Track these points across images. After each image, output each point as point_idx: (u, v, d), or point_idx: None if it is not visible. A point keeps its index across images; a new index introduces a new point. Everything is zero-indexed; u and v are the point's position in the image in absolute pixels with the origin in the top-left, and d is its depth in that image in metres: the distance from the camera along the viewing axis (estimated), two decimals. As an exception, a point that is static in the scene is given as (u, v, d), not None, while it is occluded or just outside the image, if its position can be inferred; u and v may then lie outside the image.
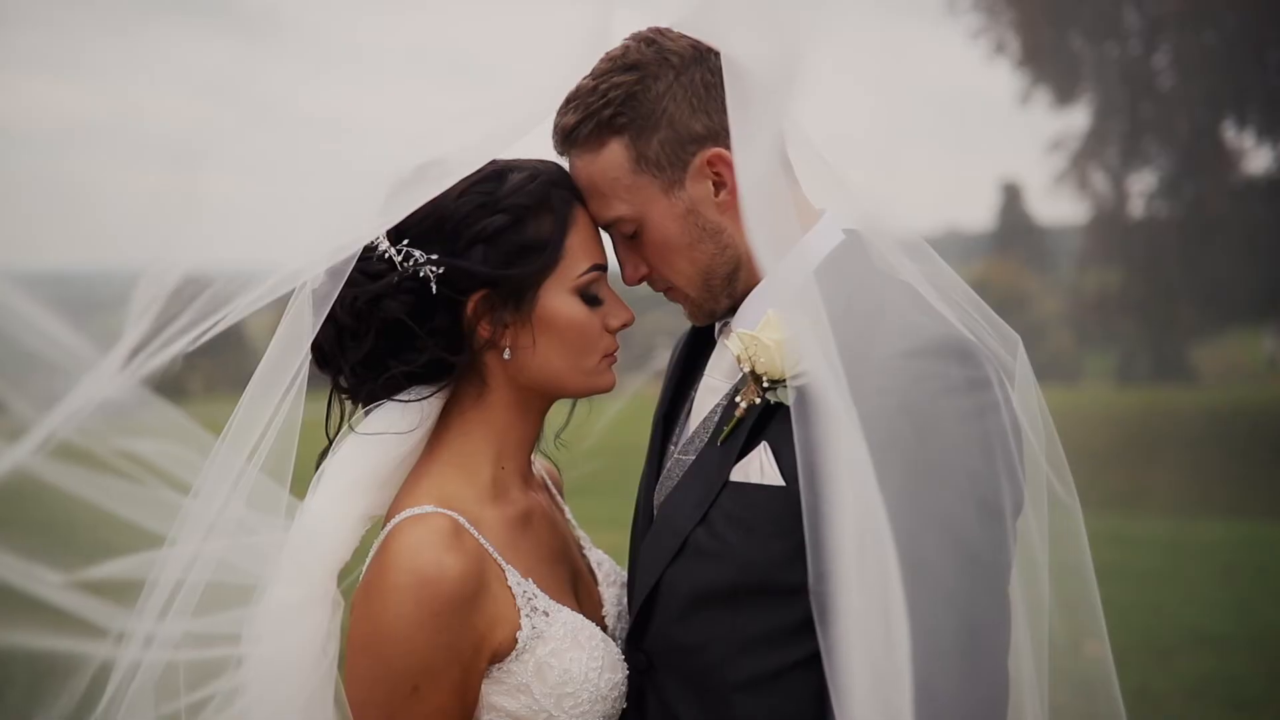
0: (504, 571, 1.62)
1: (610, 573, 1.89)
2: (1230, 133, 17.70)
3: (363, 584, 1.59)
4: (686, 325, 1.90)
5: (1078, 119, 18.61)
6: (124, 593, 1.56)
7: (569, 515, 1.96)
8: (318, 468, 1.67)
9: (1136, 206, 18.93)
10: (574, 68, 1.67)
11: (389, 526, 1.60)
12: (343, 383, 1.70)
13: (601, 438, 2.27)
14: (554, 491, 1.96)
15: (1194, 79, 17.07)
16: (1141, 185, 18.86)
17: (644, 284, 1.77)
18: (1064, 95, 18.47)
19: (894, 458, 1.34)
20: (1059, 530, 1.64)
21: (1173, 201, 18.24)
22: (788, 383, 1.52)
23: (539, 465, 1.93)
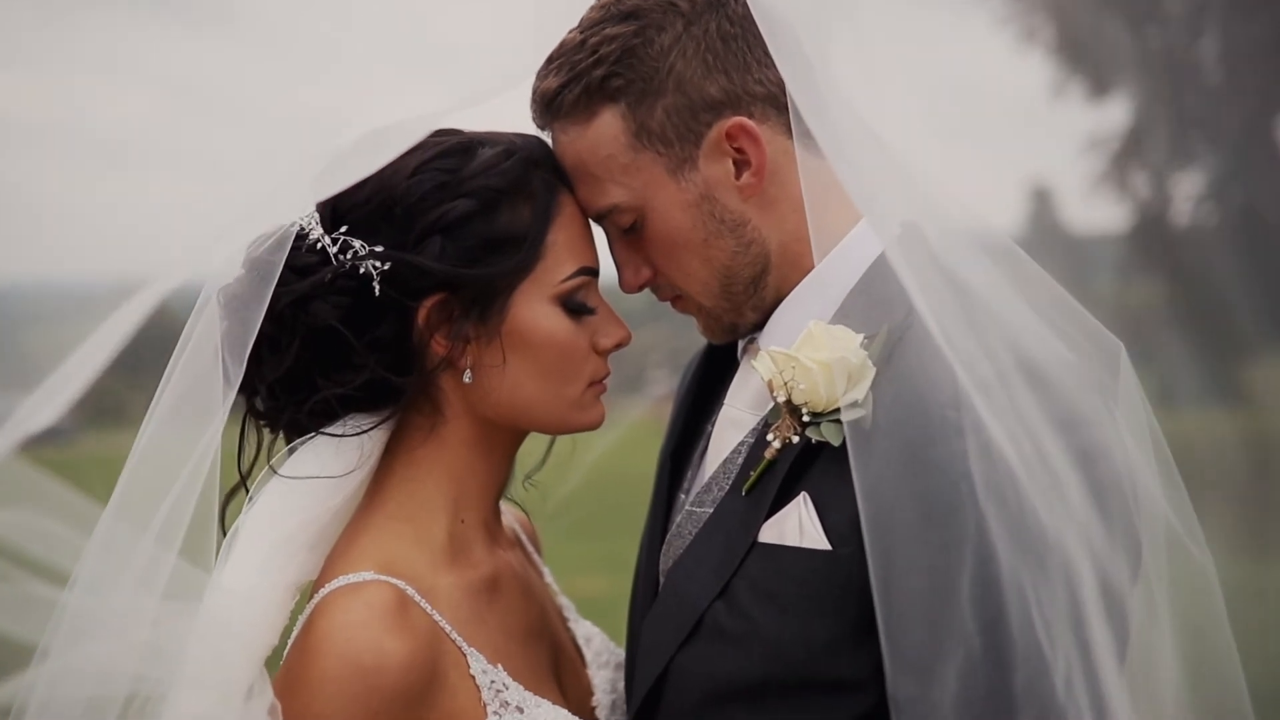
0: (465, 656, 1.53)
1: (602, 651, 1.82)
2: (1285, 130, 17.91)
3: (283, 672, 1.50)
4: (693, 343, 1.85)
5: (1115, 115, 18.76)
6: None
7: (548, 578, 1.88)
8: (223, 522, 1.55)
9: (1182, 211, 19.14)
10: (554, 21, 1.60)
11: (316, 599, 1.50)
12: (259, 406, 1.60)
13: (587, 466, 2.20)
14: (528, 548, 1.88)
15: (1244, 70, 17.34)
16: (1187, 187, 19.05)
17: (644, 292, 1.71)
18: (1100, 88, 18.71)
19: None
20: (1186, 590, 1.52)
21: (1222, 205, 18.49)
22: (841, 414, 1.41)
23: (509, 516, 1.85)
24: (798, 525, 1.46)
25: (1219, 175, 18.63)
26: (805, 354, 1.45)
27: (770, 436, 1.50)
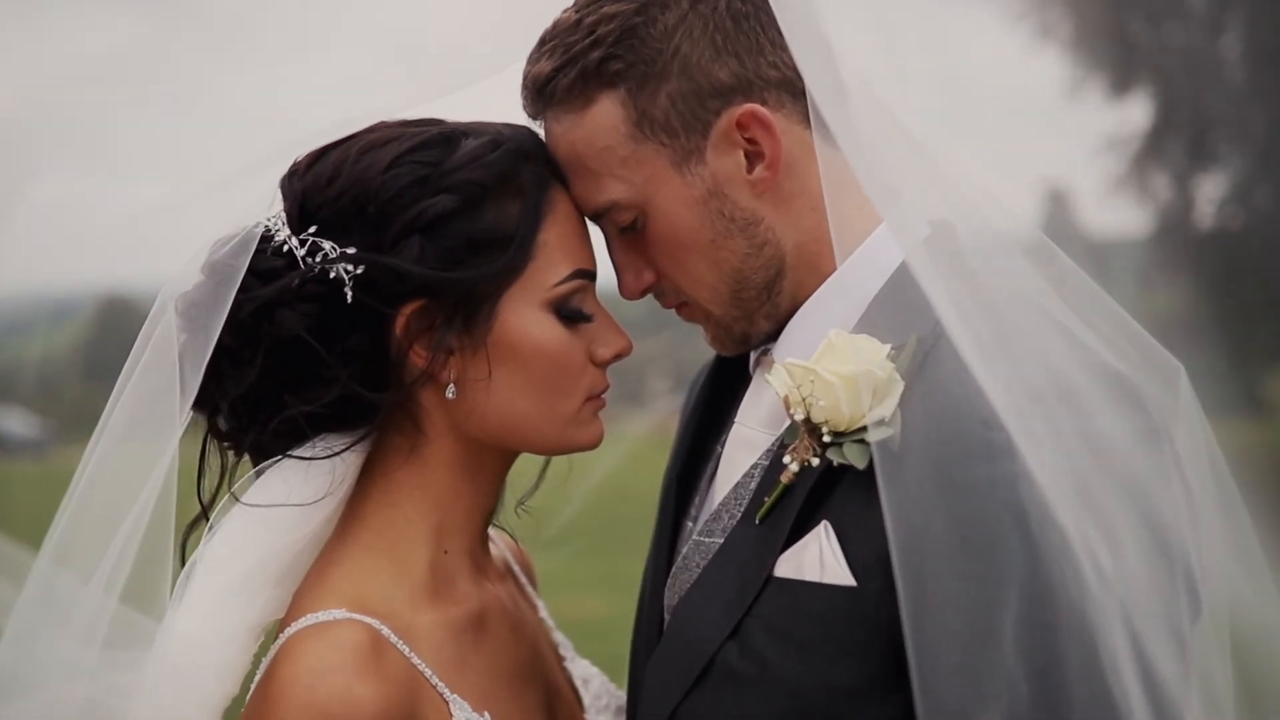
0: (447, 703, 1.49)
1: (601, 694, 1.78)
2: (1312, 129, 18.22)
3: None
4: (700, 354, 1.83)
5: (1135, 114, 19.07)
6: None
7: (543, 611, 1.83)
8: (183, 555, 1.51)
9: (1204, 214, 19.48)
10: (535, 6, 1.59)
11: (280, 640, 1.46)
12: (221, 425, 1.58)
13: (586, 491, 2.19)
14: (521, 579, 1.84)
15: (1268, 69, 17.68)
16: (1210, 190, 19.42)
17: (646, 298, 1.68)
18: (1119, 87, 19.11)
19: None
20: (1241, 629, 1.48)
21: (1246, 208, 18.83)
22: (866, 434, 1.37)
23: (499, 544, 1.81)
24: (818, 558, 1.42)
25: (1242, 177, 18.87)
26: (825, 367, 1.42)
27: (787, 459, 1.47)
